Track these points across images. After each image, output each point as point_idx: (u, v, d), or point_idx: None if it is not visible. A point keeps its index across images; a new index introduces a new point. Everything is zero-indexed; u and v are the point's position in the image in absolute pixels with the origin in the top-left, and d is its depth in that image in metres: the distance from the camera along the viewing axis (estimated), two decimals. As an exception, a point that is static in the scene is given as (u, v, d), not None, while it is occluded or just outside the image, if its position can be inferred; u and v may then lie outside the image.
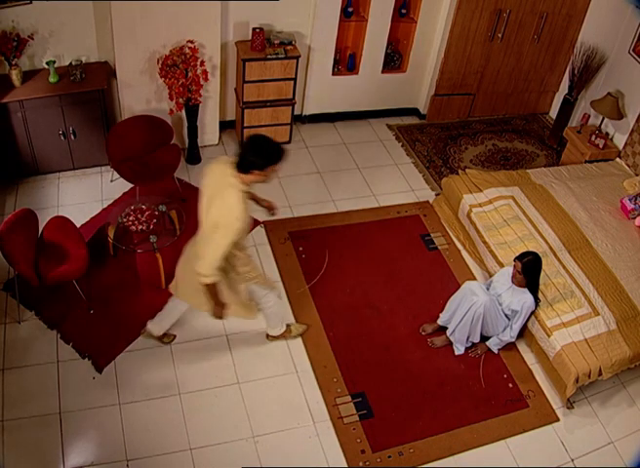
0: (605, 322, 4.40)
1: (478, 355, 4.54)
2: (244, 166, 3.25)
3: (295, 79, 5.83)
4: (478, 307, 4.28)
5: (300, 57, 5.72)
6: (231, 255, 3.55)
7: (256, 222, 5.34)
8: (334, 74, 6.33)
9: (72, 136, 5.35)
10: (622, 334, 4.36)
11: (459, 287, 4.56)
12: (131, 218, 4.64)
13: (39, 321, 4.39)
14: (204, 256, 3.36)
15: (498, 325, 4.41)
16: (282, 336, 4.44)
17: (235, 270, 3.70)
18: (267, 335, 4.45)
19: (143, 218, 4.65)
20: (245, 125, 5.98)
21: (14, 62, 4.94)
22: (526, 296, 4.30)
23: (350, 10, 5.98)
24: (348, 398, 4.20)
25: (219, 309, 3.65)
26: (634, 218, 5.30)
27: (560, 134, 6.58)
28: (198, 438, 3.89)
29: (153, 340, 4.32)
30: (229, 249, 3.35)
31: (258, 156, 3.23)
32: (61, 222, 4.51)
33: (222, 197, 3.27)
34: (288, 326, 4.43)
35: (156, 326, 4.25)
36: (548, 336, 4.34)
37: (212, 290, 3.52)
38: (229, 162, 3.33)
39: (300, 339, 4.51)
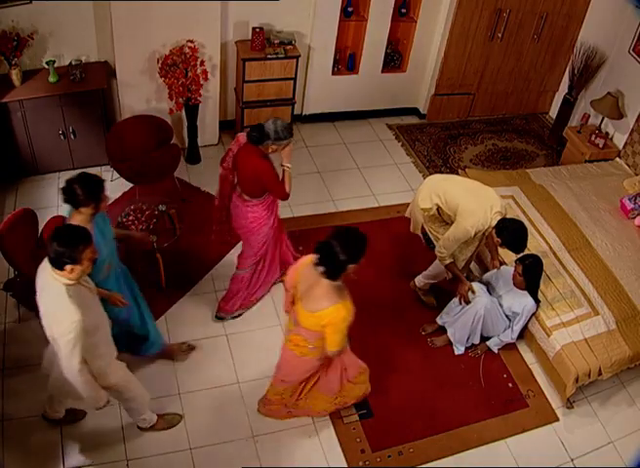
0: (605, 321, 4.40)
1: (478, 355, 4.54)
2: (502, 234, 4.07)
3: (295, 79, 5.83)
4: (479, 309, 4.28)
5: (299, 56, 5.72)
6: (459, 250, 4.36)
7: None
8: (334, 74, 6.34)
9: (72, 136, 5.35)
10: (622, 334, 4.36)
11: (459, 286, 4.57)
12: (131, 218, 4.64)
13: (39, 321, 4.38)
14: (441, 240, 4.25)
15: (498, 326, 4.40)
16: (418, 290, 4.88)
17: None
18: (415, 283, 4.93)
19: (143, 218, 4.65)
20: (245, 125, 5.97)
21: (14, 62, 4.94)
22: (527, 299, 4.29)
23: (350, 9, 5.98)
24: (348, 398, 4.20)
25: (462, 287, 4.34)
26: (634, 218, 5.30)
27: (560, 133, 6.59)
28: (198, 438, 3.89)
29: None
30: (457, 243, 4.18)
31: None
32: (61, 222, 4.49)
33: (477, 208, 4.09)
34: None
35: (422, 280, 4.80)
36: (548, 336, 4.34)
37: (451, 269, 4.33)
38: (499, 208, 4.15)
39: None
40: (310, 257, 3.14)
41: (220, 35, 5.45)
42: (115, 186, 5.49)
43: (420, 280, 4.83)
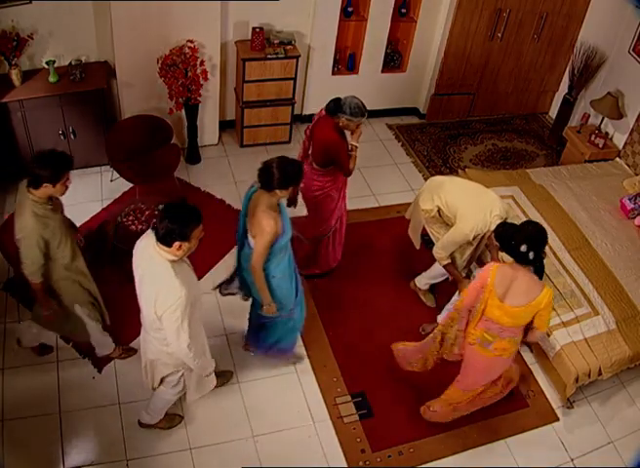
0: (605, 321, 4.40)
1: (478, 355, 4.54)
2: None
3: (294, 79, 5.83)
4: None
5: (299, 56, 5.72)
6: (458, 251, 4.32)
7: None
8: (333, 74, 6.34)
9: (72, 136, 5.35)
10: (622, 334, 4.36)
11: (459, 286, 4.57)
12: (130, 218, 4.65)
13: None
14: (440, 242, 4.22)
15: (498, 325, 4.41)
16: (418, 290, 4.91)
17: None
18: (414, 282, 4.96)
19: (143, 218, 4.65)
20: (245, 124, 5.98)
21: (14, 62, 4.94)
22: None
23: (350, 9, 5.98)
24: (348, 397, 4.20)
25: (461, 286, 4.29)
26: (634, 218, 5.30)
27: (560, 133, 6.58)
28: (198, 438, 3.89)
29: None
30: (455, 246, 4.17)
31: None
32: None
33: (476, 212, 4.05)
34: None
35: (423, 280, 4.83)
36: (548, 336, 4.33)
37: (449, 269, 4.30)
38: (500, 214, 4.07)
39: (299, 339, 4.50)
40: (495, 266, 3.41)
41: (219, 35, 5.45)
42: (115, 186, 5.50)
43: (420, 280, 4.83)
